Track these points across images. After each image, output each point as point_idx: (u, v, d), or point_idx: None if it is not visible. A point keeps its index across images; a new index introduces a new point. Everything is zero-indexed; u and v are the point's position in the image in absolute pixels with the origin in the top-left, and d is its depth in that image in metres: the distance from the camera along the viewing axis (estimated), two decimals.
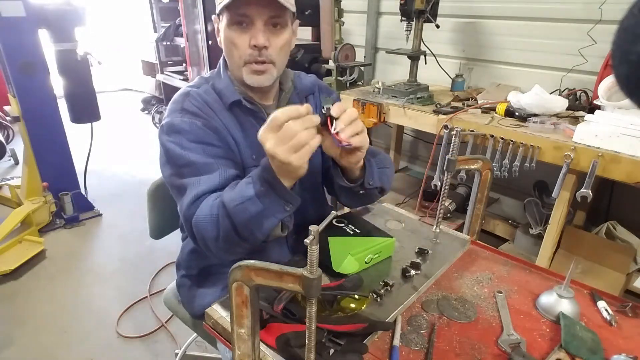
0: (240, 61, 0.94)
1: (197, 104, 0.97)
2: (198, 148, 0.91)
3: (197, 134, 0.92)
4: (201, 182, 0.89)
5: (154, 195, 1.27)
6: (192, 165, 0.90)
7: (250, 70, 0.95)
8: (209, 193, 0.88)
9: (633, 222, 2.14)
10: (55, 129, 2.70)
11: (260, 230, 0.81)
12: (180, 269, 1.21)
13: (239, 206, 0.79)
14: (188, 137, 0.91)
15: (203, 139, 0.92)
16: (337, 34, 2.79)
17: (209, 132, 0.94)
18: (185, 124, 0.92)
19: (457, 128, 1.02)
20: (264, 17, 0.90)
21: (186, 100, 0.97)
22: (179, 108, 0.96)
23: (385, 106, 2.24)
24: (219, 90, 0.99)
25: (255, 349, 0.69)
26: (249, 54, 0.92)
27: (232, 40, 0.93)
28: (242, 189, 0.81)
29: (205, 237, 0.85)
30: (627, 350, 0.76)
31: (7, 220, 2.48)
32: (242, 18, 0.90)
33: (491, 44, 2.47)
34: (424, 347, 0.78)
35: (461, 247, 1.08)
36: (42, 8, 2.43)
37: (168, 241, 1.36)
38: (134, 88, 6.71)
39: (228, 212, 0.80)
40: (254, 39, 0.90)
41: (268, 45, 0.92)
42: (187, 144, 0.91)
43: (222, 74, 1.02)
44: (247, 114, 1.01)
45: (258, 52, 0.92)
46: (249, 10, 0.89)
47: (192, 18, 3.89)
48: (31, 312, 2.08)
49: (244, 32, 0.91)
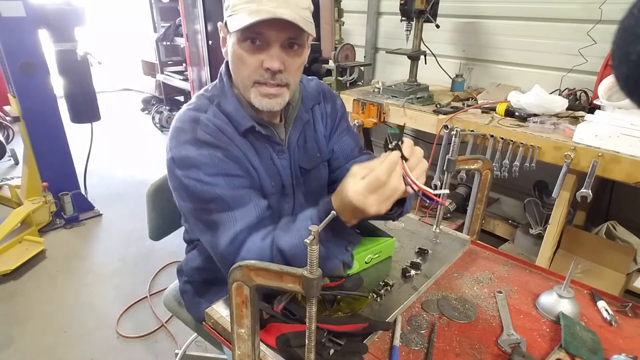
0: (249, 81, 0.85)
1: (211, 132, 0.86)
2: (221, 181, 0.82)
3: (219, 167, 0.82)
4: (236, 218, 0.81)
5: (153, 197, 1.26)
6: (220, 200, 0.81)
7: (260, 92, 0.85)
8: (247, 230, 0.81)
9: (633, 222, 2.14)
10: (55, 129, 2.69)
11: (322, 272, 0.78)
12: (182, 276, 1.19)
13: (300, 254, 0.73)
14: (207, 170, 0.82)
15: (226, 171, 0.83)
16: (337, 34, 2.79)
17: (231, 163, 0.84)
18: (204, 157, 0.82)
19: (457, 128, 1.02)
20: (282, 39, 0.81)
21: (198, 129, 0.85)
22: (192, 138, 0.84)
23: (385, 106, 2.24)
24: (228, 113, 0.90)
25: (255, 349, 0.69)
26: (259, 75, 0.84)
27: (242, 58, 0.83)
28: (302, 235, 0.74)
29: None
30: (627, 350, 0.77)
31: (7, 220, 2.48)
32: (256, 36, 0.80)
33: (491, 44, 2.46)
34: (424, 347, 0.78)
35: (461, 247, 1.08)
36: (42, 8, 2.43)
37: (168, 241, 1.36)
38: (134, 88, 6.71)
39: (286, 258, 0.75)
40: (269, 62, 0.81)
41: (283, 69, 0.83)
42: (207, 178, 0.82)
43: (227, 92, 0.92)
44: (261, 138, 0.93)
45: (271, 75, 0.83)
46: (267, 33, 0.80)
47: (192, 18, 3.89)
48: (31, 312, 2.08)
49: (256, 51, 0.82)
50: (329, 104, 1.08)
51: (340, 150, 1.08)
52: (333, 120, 1.08)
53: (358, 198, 0.66)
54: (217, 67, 2.70)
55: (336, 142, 1.08)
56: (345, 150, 1.08)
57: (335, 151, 1.08)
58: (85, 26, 2.62)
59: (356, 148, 1.10)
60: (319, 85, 1.09)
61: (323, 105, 1.07)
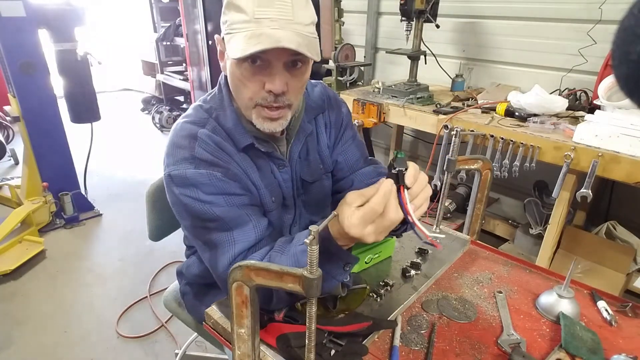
0: (251, 103, 0.81)
1: (209, 149, 0.83)
2: (220, 200, 0.80)
3: (217, 186, 0.80)
4: (235, 239, 0.80)
5: (152, 198, 1.25)
6: (219, 220, 0.80)
7: (262, 115, 0.81)
8: (246, 251, 0.80)
9: (633, 222, 2.14)
10: (55, 129, 2.69)
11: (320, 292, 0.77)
12: (183, 278, 1.19)
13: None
14: (206, 190, 0.80)
15: (225, 191, 0.81)
16: (337, 34, 2.79)
17: (230, 183, 0.82)
18: (202, 176, 0.80)
19: (457, 128, 1.02)
20: (284, 59, 0.76)
21: (197, 147, 0.82)
22: (189, 156, 0.81)
23: (385, 106, 2.24)
24: (227, 129, 0.86)
25: (255, 349, 0.69)
26: (261, 98, 0.79)
27: (242, 80, 0.79)
28: (298, 258, 0.74)
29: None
30: (627, 350, 0.77)
31: (7, 220, 2.48)
32: (258, 56, 0.74)
33: (491, 44, 2.46)
34: (424, 347, 0.78)
35: (461, 247, 1.08)
36: (42, 8, 2.43)
37: (168, 241, 1.36)
38: (134, 88, 6.71)
39: None
40: (271, 84, 0.77)
41: (286, 90, 0.78)
42: (206, 197, 0.80)
43: (226, 105, 0.88)
44: (262, 154, 0.90)
45: (274, 97, 0.79)
46: (269, 54, 0.74)
47: (192, 18, 3.89)
48: (31, 312, 2.08)
49: (257, 71, 0.77)
50: (333, 113, 1.03)
51: (344, 161, 1.05)
52: (337, 130, 1.04)
53: (355, 230, 0.64)
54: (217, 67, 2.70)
55: (340, 153, 1.04)
56: (349, 161, 1.05)
57: (340, 162, 1.04)
58: (85, 26, 2.62)
59: (361, 158, 1.07)
60: (324, 91, 1.04)
61: (327, 115, 1.02)
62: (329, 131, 1.03)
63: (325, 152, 1.02)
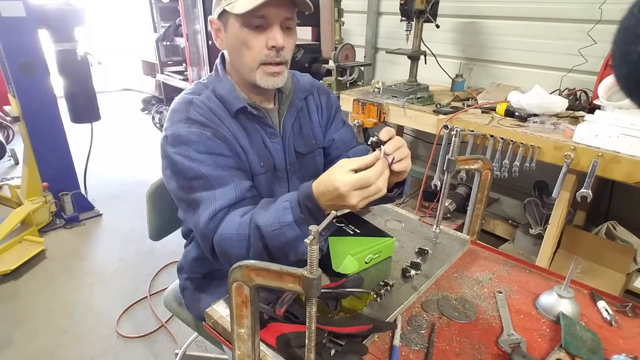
0: (255, 63, 0.92)
1: (202, 112, 0.92)
2: (208, 159, 0.88)
3: (207, 145, 0.88)
4: (217, 197, 0.86)
5: (152, 197, 1.26)
6: (203, 178, 0.86)
7: (266, 72, 0.93)
8: (227, 208, 0.86)
9: (633, 222, 2.14)
10: (55, 129, 2.70)
11: (295, 253, 0.80)
12: (183, 273, 1.20)
13: (276, 231, 0.78)
14: (196, 148, 0.87)
15: (213, 150, 0.89)
16: (337, 34, 2.79)
17: (218, 142, 0.90)
18: (194, 134, 0.88)
19: (457, 128, 1.02)
20: (281, 18, 0.89)
21: (191, 109, 0.92)
22: (184, 117, 0.91)
23: (385, 106, 2.24)
24: (221, 96, 0.96)
25: (255, 349, 0.69)
26: (265, 55, 0.91)
27: (247, 42, 0.90)
28: (279, 214, 0.79)
29: (229, 254, 0.84)
30: (627, 350, 0.77)
31: (7, 220, 2.48)
32: (259, 20, 0.88)
33: (491, 44, 2.47)
34: (424, 347, 0.78)
35: (461, 247, 1.08)
36: (42, 8, 2.43)
37: (168, 241, 1.36)
38: (134, 88, 6.71)
39: (263, 235, 0.79)
40: (273, 40, 0.89)
41: (285, 45, 0.91)
42: (196, 155, 0.87)
43: (222, 77, 0.99)
44: (252, 120, 0.98)
45: (276, 52, 0.91)
46: (268, 12, 0.87)
47: (192, 18, 3.89)
48: (31, 312, 2.08)
49: (260, 33, 0.89)
50: (323, 97, 1.15)
51: (340, 139, 1.15)
52: (329, 111, 1.16)
53: (345, 188, 0.71)
54: None
55: (335, 132, 1.15)
56: (345, 139, 1.16)
57: (336, 140, 1.15)
58: (85, 26, 2.62)
59: (354, 139, 1.18)
60: (312, 80, 1.16)
61: (317, 97, 1.13)
62: (320, 112, 1.14)
63: (317, 130, 1.13)
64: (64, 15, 2.51)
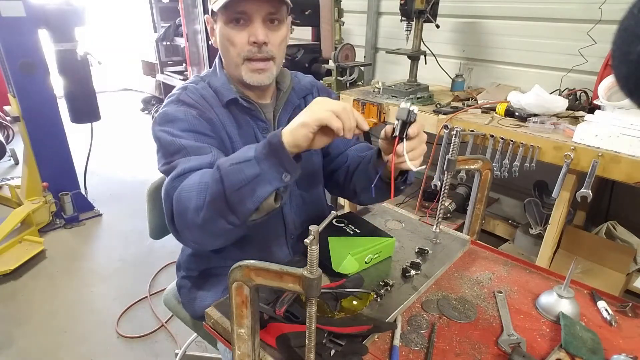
0: (239, 59, 0.93)
1: (194, 96, 0.96)
2: (190, 135, 0.90)
3: (191, 123, 0.91)
4: (191, 160, 0.86)
5: (153, 196, 1.26)
6: (183, 150, 0.88)
7: (250, 68, 0.94)
8: (197, 168, 0.84)
9: (633, 222, 2.14)
10: (55, 129, 2.70)
11: (252, 197, 0.75)
12: (180, 270, 1.21)
13: (235, 166, 0.75)
14: (180, 125, 0.90)
15: (196, 128, 0.91)
16: (337, 34, 2.79)
17: (203, 122, 0.92)
18: (180, 112, 0.91)
19: (457, 128, 1.02)
20: (262, 13, 0.90)
21: (183, 93, 0.96)
22: (175, 99, 0.96)
23: (385, 106, 2.24)
24: (215, 87, 0.99)
25: (255, 349, 0.69)
26: (247, 51, 0.92)
27: (230, 38, 0.92)
28: (242, 151, 0.79)
29: (187, 207, 0.79)
30: (627, 350, 0.77)
31: (7, 220, 2.48)
32: (240, 15, 0.90)
33: (491, 44, 2.46)
34: (424, 347, 0.78)
35: (461, 247, 1.08)
36: (42, 8, 2.43)
37: (168, 241, 1.36)
38: (134, 88, 6.71)
39: (221, 173, 0.76)
40: (253, 36, 0.90)
41: (267, 41, 0.92)
42: (179, 132, 0.89)
43: (218, 72, 1.02)
44: (244, 112, 1.00)
45: (258, 48, 0.92)
46: (247, 7, 0.88)
47: (192, 18, 3.89)
48: (31, 312, 2.08)
49: (242, 29, 0.91)
50: (323, 96, 1.13)
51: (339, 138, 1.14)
52: None
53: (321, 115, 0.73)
54: None
55: None
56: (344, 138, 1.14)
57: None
58: (85, 26, 2.62)
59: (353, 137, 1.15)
60: (314, 81, 1.17)
61: (317, 96, 1.12)
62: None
63: None
64: (64, 15, 2.50)
